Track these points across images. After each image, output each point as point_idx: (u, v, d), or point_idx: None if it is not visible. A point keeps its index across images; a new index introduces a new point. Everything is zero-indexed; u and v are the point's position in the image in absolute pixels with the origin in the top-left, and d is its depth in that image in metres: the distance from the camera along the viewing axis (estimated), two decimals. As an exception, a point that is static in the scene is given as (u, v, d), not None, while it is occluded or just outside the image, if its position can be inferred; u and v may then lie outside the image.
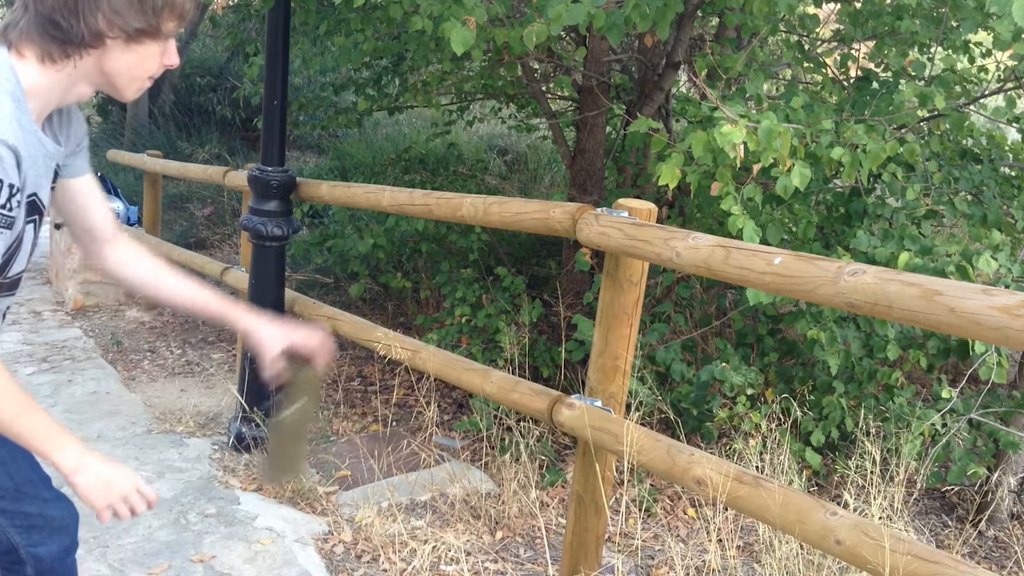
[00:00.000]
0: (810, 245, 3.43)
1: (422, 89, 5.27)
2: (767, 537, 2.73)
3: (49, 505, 1.72)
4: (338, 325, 3.45)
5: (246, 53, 6.16)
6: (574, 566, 2.54)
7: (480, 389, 2.71)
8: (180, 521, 2.97)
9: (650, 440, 2.19)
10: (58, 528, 1.74)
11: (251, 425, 3.58)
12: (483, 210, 2.68)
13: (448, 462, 3.60)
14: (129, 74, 1.45)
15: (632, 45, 4.76)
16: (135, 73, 1.45)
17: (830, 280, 1.72)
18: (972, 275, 2.92)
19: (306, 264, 6.12)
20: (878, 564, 1.71)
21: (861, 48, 4.18)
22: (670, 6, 2.92)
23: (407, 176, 6.23)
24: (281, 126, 3.46)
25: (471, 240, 4.70)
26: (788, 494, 1.91)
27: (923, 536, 3.30)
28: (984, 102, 3.84)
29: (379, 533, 2.97)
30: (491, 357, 3.96)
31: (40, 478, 1.72)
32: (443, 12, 3.06)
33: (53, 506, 1.72)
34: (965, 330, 1.53)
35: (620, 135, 4.80)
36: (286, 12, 3.40)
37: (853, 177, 3.01)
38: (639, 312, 2.37)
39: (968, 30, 3.23)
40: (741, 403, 3.30)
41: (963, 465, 3.12)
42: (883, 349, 3.25)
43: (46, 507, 1.71)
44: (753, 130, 2.74)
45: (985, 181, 3.46)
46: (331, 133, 9.83)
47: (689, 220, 4.03)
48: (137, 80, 1.46)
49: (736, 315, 3.80)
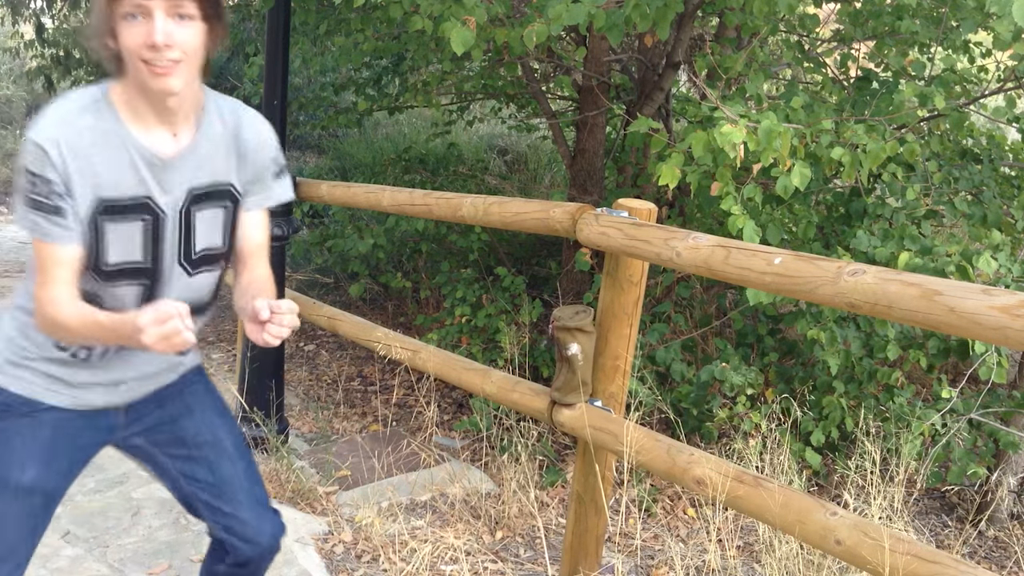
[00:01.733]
0: (810, 245, 3.43)
1: (422, 89, 5.27)
2: (767, 537, 2.73)
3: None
4: (338, 325, 3.45)
5: (246, 53, 6.17)
6: (574, 566, 2.54)
7: (480, 389, 2.71)
8: (180, 521, 2.97)
9: (650, 440, 2.19)
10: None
11: (251, 425, 3.58)
12: (483, 210, 2.68)
13: (448, 462, 3.60)
14: (128, 54, 1.50)
15: (632, 45, 4.76)
16: (130, 51, 1.49)
17: (830, 280, 1.72)
18: (972, 275, 2.92)
19: (306, 264, 6.13)
20: (878, 564, 1.71)
21: (861, 48, 4.18)
22: (670, 6, 2.92)
23: (407, 176, 6.23)
24: (281, 126, 3.46)
25: (471, 240, 4.70)
26: (788, 494, 1.91)
27: (923, 536, 3.30)
28: (984, 102, 3.84)
29: (379, 533, 2.97)
30: (491, 357, 3.96)
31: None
32: (443, 12, 3.06)
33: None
34: (965, 330, 1.53)
35: (620, 135, 4.80)
36: (286, 12, 3.41)
37: (853, 177, 3.01)
38: (639, 312, 2.37)
39: (968, 30, 3.23)
40: (741, 403, 3.30)
41: (963, 465, 3.12)
42: (883, 349, 3.25)
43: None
44: (753, 130, 2.74)
45: (985, 181, 3.46)
46: (331, 133, 9.82)
47: (689, 220, 4.03)
48: (135, 60, 1.49)
49: (736, 315, 3.80)
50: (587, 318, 2.34)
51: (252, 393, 3.59)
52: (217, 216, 1.70)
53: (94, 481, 3.22)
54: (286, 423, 3.72)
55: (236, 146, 1.70)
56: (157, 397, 1.84)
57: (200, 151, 1.64)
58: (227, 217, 1.72)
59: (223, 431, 1.90)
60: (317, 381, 4.73)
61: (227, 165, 1.69)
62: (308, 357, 5.11)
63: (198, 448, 1.86)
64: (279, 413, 3.65)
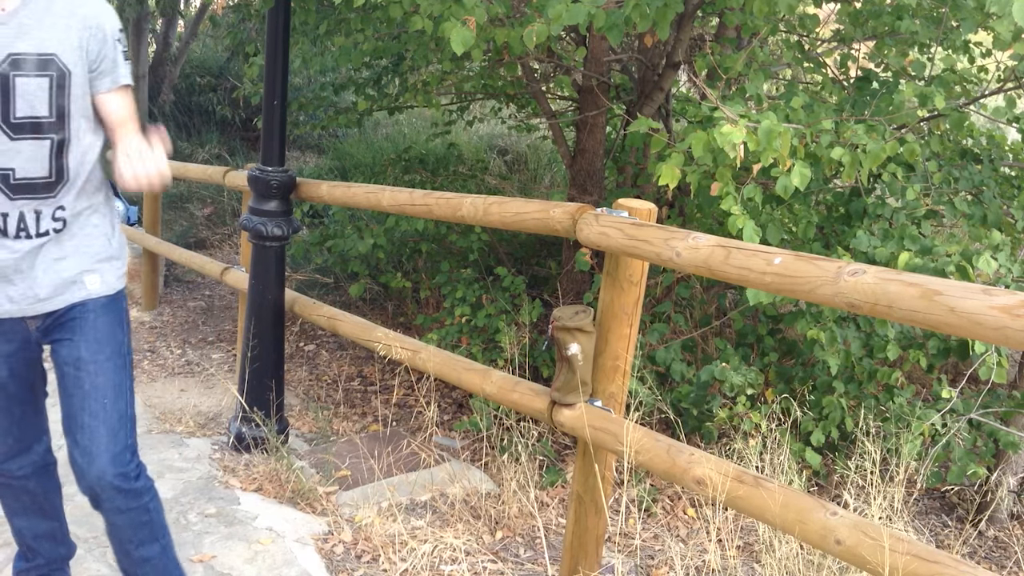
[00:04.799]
0: (810, 245, 3.43)
1: (422, 89, 5.27)
2: (767, 537, 2.73)
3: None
4: (338, 325, 3.45)
5: (246, 53, 6.16)
6: (574, 566, 2.54)
7: (480, 389, 2.71)
8: (180, 521, 2.97)
9: (650, 440, 2.19)
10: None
11: (251, 425, 3.58)
12: (483, 210, 2.68)
13: (448, 462, 3.60)
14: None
15: (632, 45, 4.76)
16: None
17: (830, 280, 1.72)
18: (972, 275, 2.92)
19: (306, 264, 6.13)
20: (878, 564, 1.71)
21: (861, 48, 4.18)
22: (670, 6, 2.92)
23: (407, 176, 6.23)
24: (281, 126, 3.46)
25: (471, 240, 4.70)
26: (788, 494, 1.91)
27: (923, 536, 3.30)
28: (984, 102, 3.84)
29: (379, 533, 2.97)
30: (491, 357, 3.96)
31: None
32: (443, 12, 3.06)
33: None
34: (965, 330, 1.53)
35: (620, 135, 4.80)
36: (286, 12, 3.40)
37: (853, 177, 3.01)
38: (639, 312, 2.37)
39: (968, 30, 3.23)
40: (741, 403, 3.30)
41: (963, 465, 3.12)
42: (883, 349, 3.25)
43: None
44: (753, 130, 2.74)
45: (985, 181, 3.46)
46: (331, 133, 9.83)
47: (689, 220, 4.03)
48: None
49: (736, 315, 3.80)
50: (587, 318, 2.34)
51: (252, 393, 3.59)
52: (42, 86, 1.81)
53: (94, 481, 3.22)
54: (286, 423, 3.72)
55: (73, 23, 1.84)
56: (53, 317, 2.01)
57: (22, 19, 1.78)
58: (53, 89, 1.84)
59: (89, 365, 2.01)
60: (317, 381, 4.73)
61: (56, 38, 1.82)
62: (308, 357, 5.11)
63: (64, 374, 2.02)
64: (279, 413, 3.65)
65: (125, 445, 2.01)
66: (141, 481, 2.05)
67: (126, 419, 2.02)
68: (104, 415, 1.98)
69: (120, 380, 2.02)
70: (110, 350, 2.02)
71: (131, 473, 2.01)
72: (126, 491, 2.01)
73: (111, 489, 1.99)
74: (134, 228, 6.17)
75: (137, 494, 2.03)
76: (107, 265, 2.05)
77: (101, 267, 2.04)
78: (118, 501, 2.01)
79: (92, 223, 2.02)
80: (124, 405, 2.02)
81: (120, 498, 2.01)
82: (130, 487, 2.01)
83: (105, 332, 2.02)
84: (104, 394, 1.99)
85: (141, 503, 2.04)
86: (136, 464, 2.04)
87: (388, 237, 4.86)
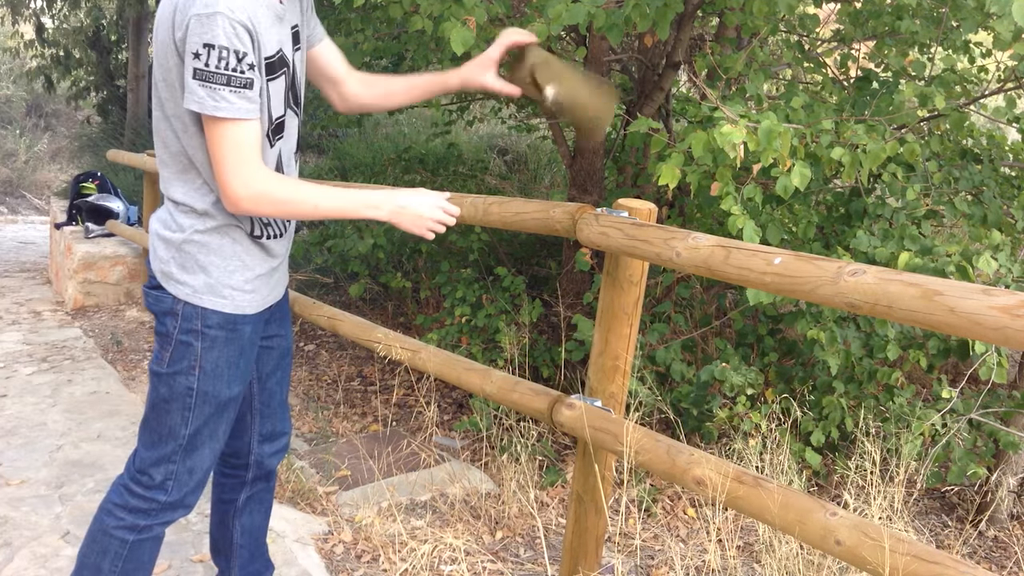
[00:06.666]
0: (810, 245, 3.43)
1: (422, 89, 5.26)
2: (767, 537, 2.73)
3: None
4: (338, 325, 3.45)
5: (246, 53, 6.14)
6: (574, 566, 2.54)
7: (480, 389, 2.71)
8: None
9: (650, 440, 2.19)
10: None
11: (251, 425, 3.58)
12: (483, 210, 2.68)
13: (448, 462, 3.60)
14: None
15: (632, 45, 4.76)
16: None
17: (830, 280, 1.72)
18: (972, 275, 2.92)
19: (306, 264, 6.13)
20: (878, 564, 1.71)
21: (861, 48, 4.18)
22: (670, 6, 2.92)
23: (407, 176, 6.23)
24: (281, 126, 3.45)
25: (471, 240, 4.70)
26: (788, 494, 1.90)
27: (923, 536, 3.30)
28: (984, 102, 3.84)
29: (379, 533, 2.97)
30: (491, 357, 3.96)
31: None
32: (443, 12, 3.06)
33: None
34: (965, 330, 1.53)
35: (620, 135, 4.80)
36: (286, 12, 3.40)
37: (853, 177, 3.01)
38: (639, 312, 2.37)
39: (968, 30, 3.23)
40: (741, 403, 3.30)
41: (963, 465, 3.12)
42: (883, 349, 3.25)
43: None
44: (753, 130, 2.74)
45: (985, 181, 3.46)
46: (331, 133, 9.83)
47: (689, 220, 4.03)
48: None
49: (736, 315, 3.80)
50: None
51: (252, 393, 3.58)
52: (302, 57, 1.83)
53: (94, 481, 3.23)
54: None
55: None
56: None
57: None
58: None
59: (288, 342, 2.06)
60: (317, 381, 4.73)
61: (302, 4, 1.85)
62: (308, 357, 5.11)
63: (282, 355, 2.04)
64: (279, 413, 3.65)
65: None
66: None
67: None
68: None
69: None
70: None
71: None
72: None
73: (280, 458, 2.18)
74: (134, 228, 6.18)
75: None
76: None
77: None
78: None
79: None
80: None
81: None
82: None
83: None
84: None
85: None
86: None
87: (388, 237, 4.87)
